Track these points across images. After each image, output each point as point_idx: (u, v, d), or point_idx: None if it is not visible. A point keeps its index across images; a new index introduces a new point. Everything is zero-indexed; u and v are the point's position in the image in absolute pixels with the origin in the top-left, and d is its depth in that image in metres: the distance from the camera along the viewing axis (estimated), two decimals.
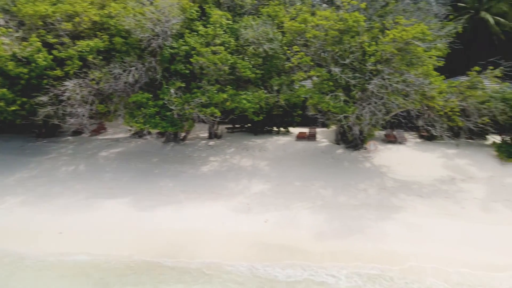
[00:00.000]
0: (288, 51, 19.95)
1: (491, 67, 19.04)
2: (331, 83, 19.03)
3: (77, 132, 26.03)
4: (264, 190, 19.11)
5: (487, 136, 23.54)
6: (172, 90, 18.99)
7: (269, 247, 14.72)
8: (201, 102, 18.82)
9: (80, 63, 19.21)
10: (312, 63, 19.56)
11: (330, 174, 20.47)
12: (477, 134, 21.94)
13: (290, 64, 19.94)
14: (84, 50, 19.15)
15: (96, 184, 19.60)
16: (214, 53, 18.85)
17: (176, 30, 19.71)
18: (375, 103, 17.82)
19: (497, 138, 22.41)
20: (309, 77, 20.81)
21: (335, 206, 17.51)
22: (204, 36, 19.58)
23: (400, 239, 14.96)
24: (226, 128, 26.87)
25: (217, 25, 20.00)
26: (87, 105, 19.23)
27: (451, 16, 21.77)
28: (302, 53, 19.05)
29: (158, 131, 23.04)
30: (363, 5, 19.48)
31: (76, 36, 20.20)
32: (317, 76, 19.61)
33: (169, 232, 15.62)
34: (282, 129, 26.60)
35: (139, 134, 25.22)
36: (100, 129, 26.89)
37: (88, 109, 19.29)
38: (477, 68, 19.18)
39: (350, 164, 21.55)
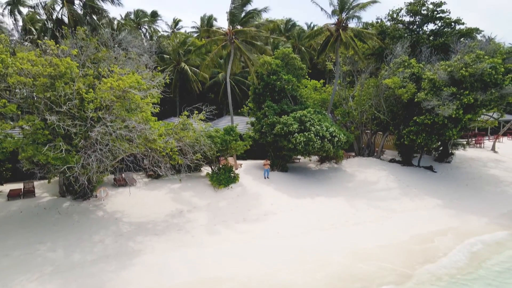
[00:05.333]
0: None
1: (196, 112, 22.59)
2: (47, 132, 17.21)
3: None
4: None
5: (202, 169, 27.67)
6: None
7: None
8: None
9: None
10: (19, 112, 17.07)
11: (58, 232, 18.21)
12: (194, 168, 25.44)
13: None
14: None
15: None
16: None
17: None
18: (101, 150, 17.42)
19: (208, 170, 26.70)
20: (18, 126, 17.97)
21: (69, 268, 15.67)
22: None
23: (140, 283, 15.09)
24: None
25: None
26: None
27: (159, 68, 24.43)
28: (4, 100, 16.33)
29: None
30: (74, 51, 18.87)
31: None
32: (29, 126, 17.23)
33: None
34: None
35: None
36: None
37: None
38: (186, 113, 22.33)
39: (80, 217, 19.93)
